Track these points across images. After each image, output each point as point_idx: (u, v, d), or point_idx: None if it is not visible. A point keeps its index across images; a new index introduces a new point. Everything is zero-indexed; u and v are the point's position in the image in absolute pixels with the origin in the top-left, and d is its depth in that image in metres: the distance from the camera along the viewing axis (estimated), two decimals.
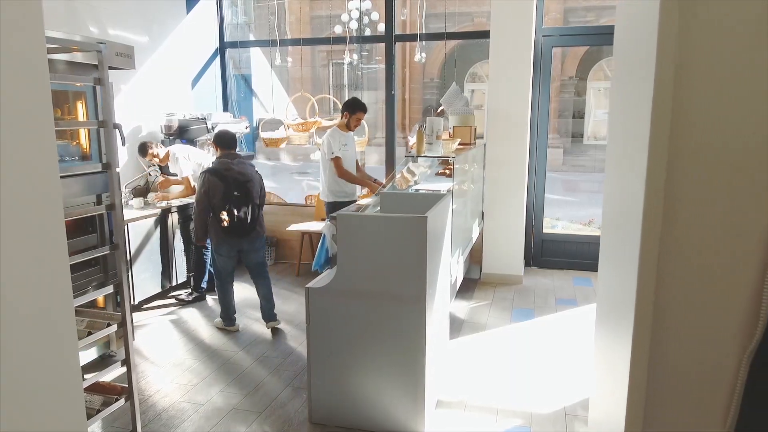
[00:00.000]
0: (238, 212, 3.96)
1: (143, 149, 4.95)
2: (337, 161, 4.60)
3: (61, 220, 1.33)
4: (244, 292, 4.98)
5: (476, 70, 13.13)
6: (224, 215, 3.95)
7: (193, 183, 4.86)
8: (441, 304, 3.24)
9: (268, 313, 4.25)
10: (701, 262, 1.07)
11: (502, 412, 3.07)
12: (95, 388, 2.02)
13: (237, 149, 4.21)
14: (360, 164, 5.05)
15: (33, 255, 1.25)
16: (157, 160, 5.00)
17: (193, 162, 4.97)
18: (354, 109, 4.65)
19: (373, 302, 2.76)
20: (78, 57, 3.16)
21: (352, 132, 4.79)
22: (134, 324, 4.22)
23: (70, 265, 1.32)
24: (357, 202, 4.10)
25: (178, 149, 5.00)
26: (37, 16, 1.25)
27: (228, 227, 3.97)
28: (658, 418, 1.13)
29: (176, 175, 5.05)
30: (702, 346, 1.07)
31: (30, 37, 1.23)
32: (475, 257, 5.50)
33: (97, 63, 3.41)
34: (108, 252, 1.97)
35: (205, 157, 5.07)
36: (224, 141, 4.12)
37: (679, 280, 1.08)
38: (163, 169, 5.18)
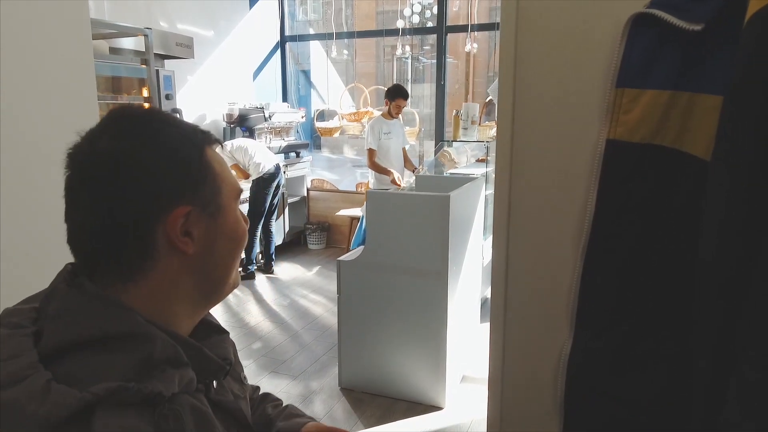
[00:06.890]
0: None
1: None
2: (370, 153, 4.67)
3: None
4: (295, 271, 5.28)
5: None
6: None
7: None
8: (469, 283, 3.34)
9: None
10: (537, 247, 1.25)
11: None
12: None
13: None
14: (408, 153, 5.07)
15: None
16: None
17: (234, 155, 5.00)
18: (393, 96, 4.67)
19: (399, 276, 2.91)
20: (141, 46, 3.51)
21: (397, 119, 4.83)
22: None
23: None
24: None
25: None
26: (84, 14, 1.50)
27: None
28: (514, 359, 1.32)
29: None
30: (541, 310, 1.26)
31: (77, 26, 1.48)
32: None
33: (161, 52, 3.77)
34: None
35: (252, 146, 5.05)
36: None
37: (522, 260, 1.27)
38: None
